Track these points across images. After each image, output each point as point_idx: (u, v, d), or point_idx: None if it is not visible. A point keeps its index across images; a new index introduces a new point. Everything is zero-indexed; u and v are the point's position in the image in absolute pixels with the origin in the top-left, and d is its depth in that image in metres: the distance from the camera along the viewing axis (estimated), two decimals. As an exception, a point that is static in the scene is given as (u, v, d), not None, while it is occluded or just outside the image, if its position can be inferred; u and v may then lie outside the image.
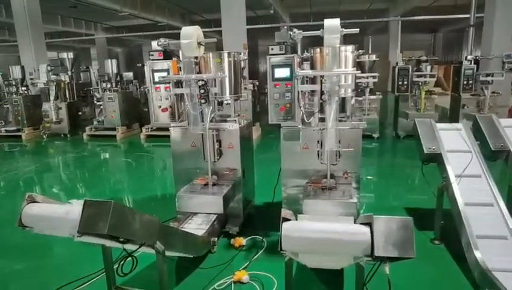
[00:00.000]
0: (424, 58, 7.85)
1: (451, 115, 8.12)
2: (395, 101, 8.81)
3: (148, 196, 5.47)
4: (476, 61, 7.88)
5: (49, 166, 8.03)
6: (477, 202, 3.16)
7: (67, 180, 6.91)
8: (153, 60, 3.68)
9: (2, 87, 10.60)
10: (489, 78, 7.12)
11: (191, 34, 3.30)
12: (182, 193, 3.62)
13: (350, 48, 3.52)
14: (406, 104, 8.06)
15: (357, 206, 3.20)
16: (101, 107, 10.14)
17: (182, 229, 3.65)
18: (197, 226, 3.69)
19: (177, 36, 3.46)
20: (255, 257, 3.46)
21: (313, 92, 3.49)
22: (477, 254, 2.77)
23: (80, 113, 11.12)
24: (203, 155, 3.83)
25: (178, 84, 3.66)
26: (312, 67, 3.44)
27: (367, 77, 7.84)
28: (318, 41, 3.48)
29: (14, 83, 10.36)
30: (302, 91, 3.40)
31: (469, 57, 7.49)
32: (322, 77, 3.15)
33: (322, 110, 3.31)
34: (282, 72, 3.38)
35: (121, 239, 1.97)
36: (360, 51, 3.57)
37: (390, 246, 1.82)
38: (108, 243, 2.14)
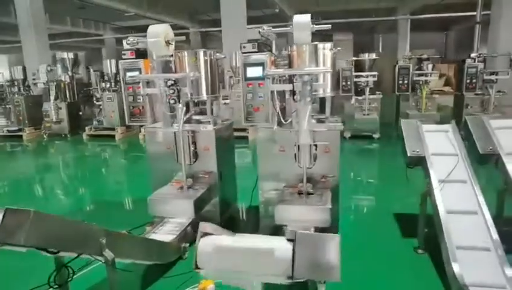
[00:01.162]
0: (425, 56, 7.56)
1: (454, 115, 7.81)
2: (396, 100, 8.54)
3: (139, 196, 5.38)
4: (483, 60, 7.56)
5: (46, 166, 8.04)
6: (460, 209, 2.94)
7: (62, 180, 6.90)
8: (125, 59, 3.57)
9: (4, 87, 10.71)
10: (493, 77, 6.81)
11: (158, 33, 3.17)
12: (153, 196, 3.51)
13: (328, 45, 3.35)
14: (407, 104, 7.80)
15: (331, 213, 3.02)
16: (101, 107, 10.14)
17: (154, 233, 3.54)
18: (169, 231, 3.56)
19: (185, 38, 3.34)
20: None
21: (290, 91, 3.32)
22: (455, 267, 2.56)
23: (81, 113, 11.16)
24: (176, 157, 3.70)
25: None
26: (290, 66, 3.27)
27: (366, 76, 7.62)
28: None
29: (16, 84, 10.45)
30: (276, 91, 3.24)
31: (473, 55, 7.18)
32: (293, 76, 2.97)
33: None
34: (254, 71, 3.22)
35: (50, 249, 1.86)
36: (337, 48, 3.36)
37: (313, 268, 1.64)
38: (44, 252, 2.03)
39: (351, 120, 8.03)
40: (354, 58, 7.90)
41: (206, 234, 1.85)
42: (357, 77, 7.63)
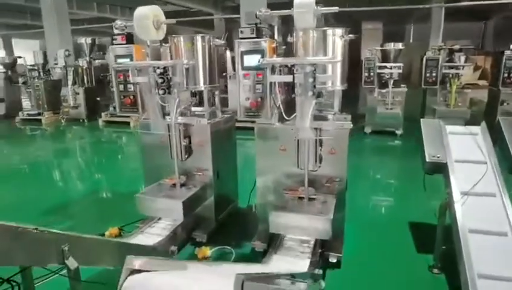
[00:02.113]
0: (457, 47, 6.87)
1: (487, 112, 7.11)
2: (422, 94, 7.89)
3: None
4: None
5: (61, 151, 8.03)
6: (486, 229, 2.49)
7: (75, 166, 6.83)
8: (116, 44, 3.28)
9: (26, 71, 10.82)
10: (535, 71, 6.08)
11: (146, 15, 2.85)
12: (141, 194, 3.24)
13: (339, 31, 2.91)
14: (434, 99, 7.16)
15: (332, 224, 2.64)
16: (117, 93, 10.03)
17: (141, 233, 3.31)
18: (157, 232, 3.32)
19: (209, 24, 3.03)
20: (215, 272, 3.01)
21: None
22: (475, 300, 2.14)
23: (99, 98, 11.12)
24: (170, 152, 3.41)
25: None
26: (291, 54, 2.88)
27: (390, 68, 7.05)
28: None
29: (36, 68, 10.52)
30: (279, 83, 2.86)
31: (512, 46, 6.44)
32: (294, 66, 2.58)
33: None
34: (252, 60, 2.85)
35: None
36: (351, 35, 2.92)
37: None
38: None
39: (373, 114, 7.50)
40: (378, 48, 7.31)
41: (136, 271, 1.49)
42: (380, 68, 7.06)
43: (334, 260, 3.02)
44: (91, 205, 4.80)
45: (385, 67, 7.02)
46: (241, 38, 2.84)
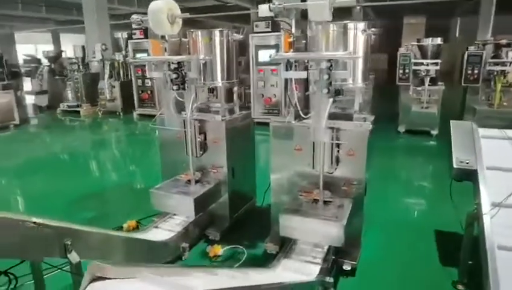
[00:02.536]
0: (504, 42, 6.30)
1: (537, 115, 6.49)
2: (462, 93, 7.37)
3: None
4: None
5: (96, 142, 8.34)
6: (518, 246, 2.23)
7: (109, 157, 7.07)
8: (134, 39, 3.29)
9: (66, 65, 11.34)
10: None
11: (160, 9, 2.82)
12: (155, 189, 3.24)
13: (361, 25, 2.73)
14: (475, 98, 6.64)
15: (345, 230, 2.49)
16: (150, 87, 10.28)
17: (155, 228, 3.33)
18: (170, 228, 3.32)
19: (246, 18, 3.00)
20: (224, 272, 2.96)
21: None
22: (499, 326, 1.92)
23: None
24: (185, 148, 3.39)
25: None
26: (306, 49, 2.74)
27: (427, 64, 6.63)
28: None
29: (76, 61, 10.99)
30: (296, 80, 2.73)
31: None
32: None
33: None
34: (266, 55, 2.74)
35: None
36: (374, 29, 2.73)
37: None
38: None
39: (407, 113, 7.11)
40: (415, 44, 6.88)
41: (101, 278, 1.40)
42: (416, 64, 6.66)
43: (348, 268, 2.86)
44: (117, 196, 4.92)
45: (421, 63, 6.61)
46: (256, 33, 2.73)
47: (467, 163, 2.67)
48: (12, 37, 25.86)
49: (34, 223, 1.93)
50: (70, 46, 14.66)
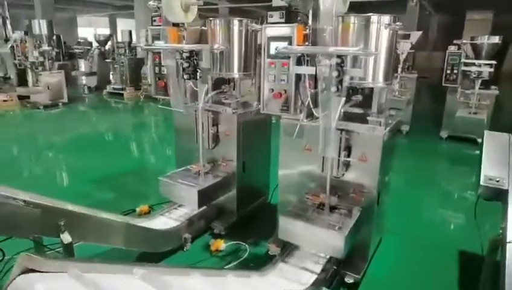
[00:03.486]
0: None
1: None
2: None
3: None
4: None
5: (134, 124, 8.64)
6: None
7: (143, 140, 7.30)
8: (154, 26, 3.27)
9: (113, 48, 11.83)
10: None
11: None
12: (164, 177, 3.23)
13: (386, 18, 2.47)
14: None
15: (344, 241, 2.30)
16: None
17: (160, 216, 3.34)
18: (176, 217, 3.31)
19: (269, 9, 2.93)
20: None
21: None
22: None
23: (176, 78, 11.69)
24: (195, 138, 3.34)
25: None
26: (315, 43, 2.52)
27: (479, 65, 6.02)
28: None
29: (122, 46, 11.42)
30: (309, 75, 2.56)
31: None
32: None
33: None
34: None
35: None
36: (399, 23, 2.46)
37: None
38: None
39: (452, 117, 6.53)
40: (467, 42, 6.26)
41: (32, 271, 1.34)
42: (466, 65, 6.07)
43: (351, 281, 2.67)
44: (144, 178, 5.02)
45: (472, 64, 6.01)
46: (269, 23, 2.57)
47: (497, 181, 2.34)
48: (74, 20, 27.58)
49: (24, 201, 1.97)
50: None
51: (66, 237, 2.17)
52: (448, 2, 18.75)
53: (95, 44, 12.77)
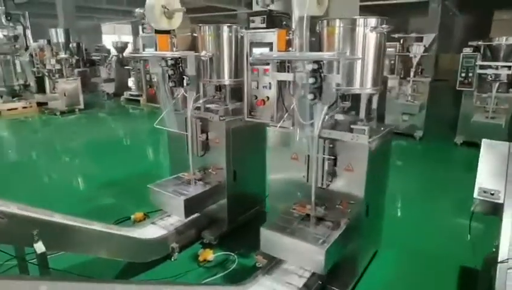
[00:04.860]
0: None
1: None
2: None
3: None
4: None
5: (148, 131, 8.63)
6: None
7: (153, 147, 7.30)
8: (145, 33, 3.27)
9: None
10: None
11: (151, 5, 2.71)
12: (153, 185, 3.21)
13: (372, 21, 2.36)
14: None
15: (325, 256, 2.18)
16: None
17: (152, 224, 3.32)
18: (165, 226, 3.28)
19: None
20: (206, 280, 2.83)
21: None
22: None
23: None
24: (186, 146, 3.30)
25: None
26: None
27: (496, 67, 5.71)
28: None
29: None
30: (292, 82, 2.46)
31: None
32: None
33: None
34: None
35: None
36: (385, 26, 2.33)
37: None
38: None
39: (467, 122, 6.22)
40: (484, 43, 5.94)
41: None
42: (482, 67, 5.76)
43: (337, 297, 2.54)
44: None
45: (489, 66, 5.70)
46: (250, 29, 2.51)
47: (492, 194, 2.16)
48: (99, 27, 28.50)
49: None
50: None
51: (40, 247, 2.17)
52: (473, 2, 18.05)
53: (113, 51, 13.08)
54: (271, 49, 2.43)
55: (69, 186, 5.04)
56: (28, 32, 9.50)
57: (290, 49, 2.50)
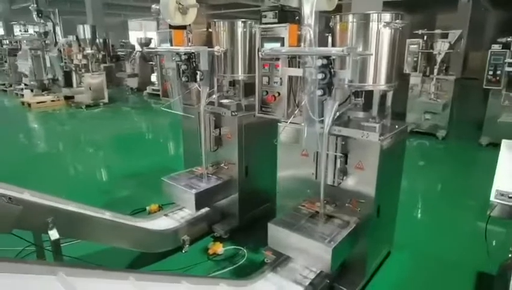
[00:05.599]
0: None
1: None
2: None
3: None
4: None
5: (169, 124, 8.73)
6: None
7: (172, 140, 7.37)
8: (161, 29, 3.33)
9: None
10: None
11: (166, 1, 2.74)
12: (166, 178, 3.26)
13: (386, 16, 2.30)
14: None
15: (332, 254, 2.15)
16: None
17: (165, 216, 3.38)
18: (177, 218, 3.33)
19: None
20: (214, 273, 2.86)
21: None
22: None
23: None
24: (199, 141, 3.34)
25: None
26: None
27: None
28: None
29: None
30: (303, 77, 2.44)
31: None
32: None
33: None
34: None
35: None
36: (399, 21, 2.27)
37: None
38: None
39: (493, 122, 5.97)
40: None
41: None
42: (511, 65, 5.50)
43: (344, 297, 2.50)
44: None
45: (519, 63, 5.44)
46: (262, 24, 2.50)
47: (510, 198, 2.07)
48: (126, 24, 29.18)
49: (9, 198, 2.07)
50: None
51: (54, 234, 2.26)
52: (509, -3, 17.22)
53: (137, 47, 13.36)
54: (282, 44, 2.41)
55: (91, 176, 5.21)
56: (58, 28, 9.84)
57: (302, 44, 2.48)
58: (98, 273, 1.73)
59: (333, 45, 2.50)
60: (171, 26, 3.21)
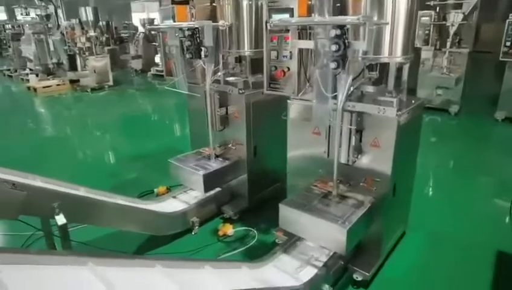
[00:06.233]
0: None
1: None
2: None
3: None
4: None
5: (173, 105, 8.61)
6: None
7: (176, 121, 7.33)
8: (163, 5, 3.18)
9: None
10: None
11: None
12: (173, 159, 3.19)
13: (402, -17, 2.12)
14: None
15: (346, 236, 2.07)
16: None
17: (172, 198, 3.33)
18: (187, 200, 3.28)
19: None
20: (222, 255, 2.82)
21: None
22: None
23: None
24: (206, 121, 3.23)
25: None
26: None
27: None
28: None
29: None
30: (313, 50, 2.30)
31: None
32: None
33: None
34: (280, 20, 2.33)
35: None
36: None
37: None
38: None
39: (510, 96, 5.75)
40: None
41: None
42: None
43: (360, 278, 2.44)
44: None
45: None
46: (270, -6, 2.34)
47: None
48: (128, 6, 28.70)
49: (13, 184, 2.01)
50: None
51: (61, 219, 2.20)
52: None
53: (140, 28, 13.12)
54: (291, 15, 2.26)
55: (98, 159, 5.17)
56: (60, 11, 9.66)
57: (313, 15, 2.33)
58: (124, 262, 1.71)
59: (345, 15, 2.35)
60: (173, 2, 3.06)
